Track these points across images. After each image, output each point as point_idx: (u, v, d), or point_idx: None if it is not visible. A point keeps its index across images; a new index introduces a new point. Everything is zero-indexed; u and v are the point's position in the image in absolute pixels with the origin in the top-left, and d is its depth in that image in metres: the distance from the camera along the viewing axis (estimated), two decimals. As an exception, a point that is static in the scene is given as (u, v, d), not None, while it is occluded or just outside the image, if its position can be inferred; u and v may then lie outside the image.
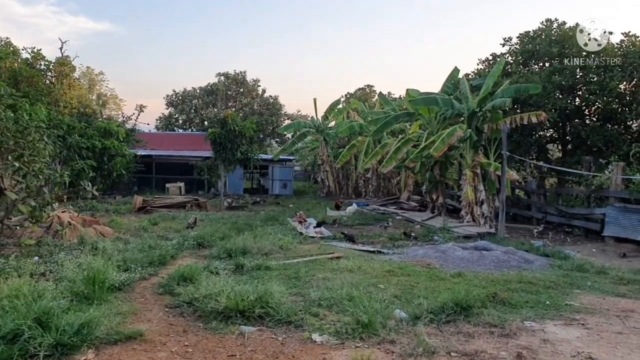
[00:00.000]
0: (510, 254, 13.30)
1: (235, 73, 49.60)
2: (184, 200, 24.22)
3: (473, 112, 19.60)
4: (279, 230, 17.71)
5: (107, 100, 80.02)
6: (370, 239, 17.04)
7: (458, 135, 19.00)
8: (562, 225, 19.78)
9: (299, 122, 38.13)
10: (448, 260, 12.87)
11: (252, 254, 13.24)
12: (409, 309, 8.58)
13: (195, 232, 16.77)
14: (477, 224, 19.61)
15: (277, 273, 11.17)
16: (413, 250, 14.45)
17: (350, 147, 30.77)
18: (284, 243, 14.64)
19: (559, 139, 24.89)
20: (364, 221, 21.45)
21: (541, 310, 8.92)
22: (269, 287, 8.65)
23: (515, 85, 19.59)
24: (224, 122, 24.10)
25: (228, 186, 35.30)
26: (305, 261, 12.50)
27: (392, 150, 22.86)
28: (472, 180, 19.64)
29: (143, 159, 34.83)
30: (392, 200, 29.25)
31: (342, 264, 11.97)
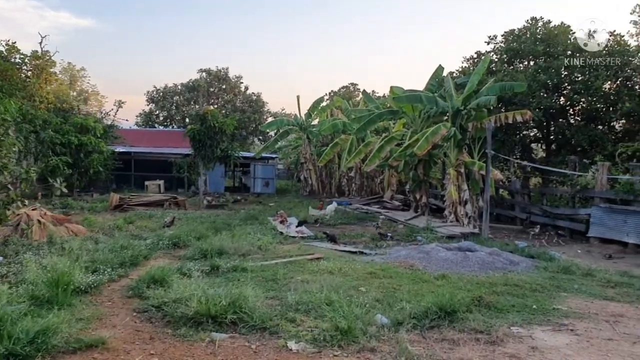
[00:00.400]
0: (495, 255, 12.96)
1: (217, 69, 48.91)
2: (161, 199, 23.59)
3: (457, 111, 19.27)
4: (258, 229, 17.20)
5: (88, 97, 78.93)
6: (352, 239, 16.62)
7: (442, 134, 18.65)
8: (546, 225, 19.54)
9: (281, 119, 37.60)
10: (432, 261, 12.49)
11: (229, 255, 12.76)
12: (391, 313, 8.17)
13: (172, 232, 16.21)
14: (461, 224, 19.29)
15: (253, 275, 10.70)
16: (396, 250, 14.05)
17: (333, 145, 30.33)
18: (263, 243, 14.16)
19: (543, 138, 24.69)
20: (347, 220, 21.04)
21: (528, 315, 8.57)
22: (244, 291, 8.20)
23: (500, 83, 19.31)
24: (203, 119, 23.49)
25: (209, 184, 34.66)
26: (284, 262, 12.04)
27: (376, 149, 22.46)
28: (455, 180, 19.31)
29: (122, 156, 34.07)
30: (376, 199, 28.88)
31: (322, 266, 11.53)
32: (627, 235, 15.90)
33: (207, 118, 23.40)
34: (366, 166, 22.89)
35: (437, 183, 24.01)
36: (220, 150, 24.37)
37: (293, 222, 19.59)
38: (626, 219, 16.00)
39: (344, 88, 50.79)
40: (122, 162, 33.31)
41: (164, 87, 48.86)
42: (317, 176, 35.79)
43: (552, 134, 24.09)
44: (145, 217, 20.57)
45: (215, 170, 34.28)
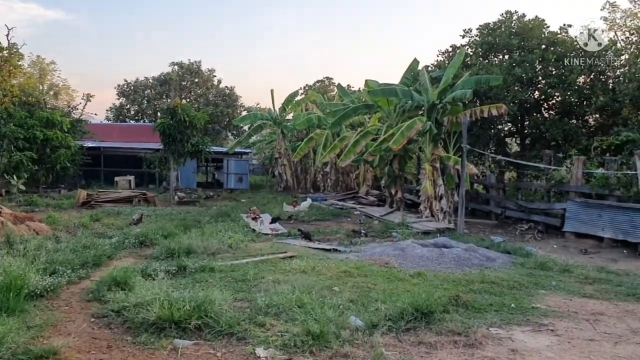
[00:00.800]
0: (471, 252, 12.70)
1: (189, 63, 47.94)
2: (130, 195, 22.88)
3: (433, 105, 19.01)
4: (230, 227, 16.70)
5: (59, 91, 76.97)
6: (327, 236, 16.25)
7: (417, 128, 18.36)
8: (521, 220, 19.42)
9: (255, 113, 36.96)
10: (407, 258, 12.17)
11: (198, 254, 12.28)
12: (365, 315, 7.81)
13: (139, 230, 15.62)
14: (436, 219, 19.06)
15: (222, 275, 10.25)
16: (371, 248, 13.71)
17: (308, 140, 29.88)
18: (234, 241, 13.68)
19: (517, 132, 24.63)
20: (321, 217, 20.65)
21: (507, 315, 8.30)
22: (210, 294, 7.75)
23: (476, 76, 19.10)
24: (173, 112, 22.80)
25: (180, 180, 33.95)
26: (256, 262, 11.60)
27: (351, 144, 22.09)
28: (431, 175, 19.07)
29: (91, 151, 33.09)
30: (351, 194, 28.56)
31: (295, 265, 11.12)
32: (602, 230, 15.82)
33: (177, 112, 22.72)
34: (341, 161, 22.51)
35: (413, 178, 23.75)
36: (191, 145, 23.71)
37: (266, 219, 19.16)
38: (601, 214, 15.92)
39: (319, 82, 50.34)
40: (91, 157, 32.33)
41: (135, 80, 47.78)
42: (292, 171, 35.32)
43: (526, 128, 24.04)
44: (113, 214, 19.89)
45: (187, 166, 33.55)
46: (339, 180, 31.75)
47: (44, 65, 79.54)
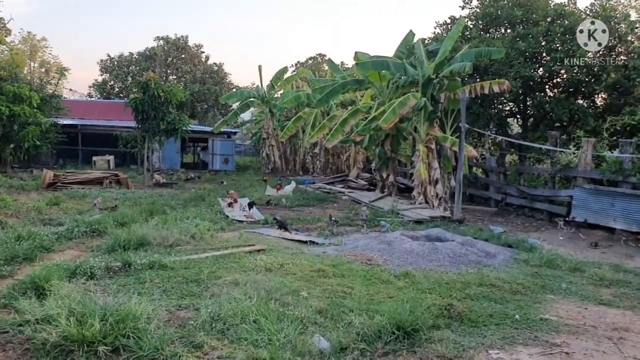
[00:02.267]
0: (469, 246, 11.08)
1: (175, 37, 45.69)
2: (100, 176, 21.14)
3: (429, 79, 17.23)
4: (200, 213, 15.05)
5: (50, 68, 74.96)
6: (307, 224, 14.60)
7: (411, 105, 16.63)
8: (523, 207, 17.79)
9: (242, 91, 35.07)
10: (394, 254, 10.54)
11: (153, 246, 10.66)
12: (334, 333, 6.23)
13: (97, 216, 13.94)
14: (431, 206, 17.42)
15: (172, 274, 8.63)
16: (354, 240, 12.07)
17: (296, 119, 28.08)
18: (199, 230, 12.02)
19: (519, 112, 22.84)
20: (305, 202, 18.99)
21: (510, 330, 6.73)
22: (132, 307, 6.10)
23: (476, 49, 17.26)
24: (145, 87, 20.96)
25: (163, 161, 32.29)
26: (217, 256, 9.96)
27: (339, 123, 20.32)
28: (425, 157, 17.37)
29: (67, 129, 31.27)
30: (341, 178, 26.90)
31: (262, 261, 9.47)
32: (614, 221, 14.17)
33: (150, 86, 20.89)
34: (328, 142, 20.76)
35: (406, 160, 22.08)
36: (166, 123, 21.92)
37: (245, 204, 17.54)
38: (613, 202, 14.25)
39: (312, 59, 48.21)
40: (66, 135, 30.49)
41: (118, 55, 45.67)
42: (280, 153, 33.62)
43: (529, 108, 22.26)
44: (77, 197, 18.25)
45: (170, 146, 31.86)
46: (329, 162, 30.06)
47: (35, 42, 77.33)
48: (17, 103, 24.03)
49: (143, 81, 21.73)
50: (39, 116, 24.95)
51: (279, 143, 33.08)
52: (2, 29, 52.19)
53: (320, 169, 30.21)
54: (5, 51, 51.87)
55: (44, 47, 77.65)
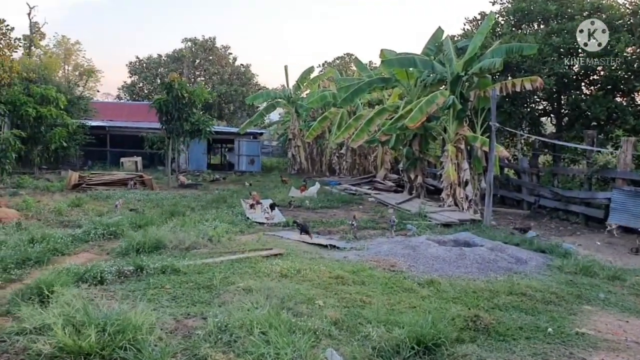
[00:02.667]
0: (498, 251, 10.46)
1: (203, 39, 45.68)
2: (125, 177, 21.06)
3: (457, 77, 16.58)
4: (220, 215, 14.74)
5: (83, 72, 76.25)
6: (329, 227, 14.10)
7: (439, 103, 16.01)
8: (557, 210, 16.98)
9: (267, 92, 34.81)
10: (419, 259, 9.99)
11: (169, 249, 10.35)
12: (348, 347, 5.77)
13: (117, 217, 13.74)
14: (460, 209, 16.76)
15: (184, 280, 8.27)
16: (377, 244, 11.54)
17: (322, 119, 27.63)
18: (217, 233, 11.65)
19: (553, 111, 21.91)
20: (329, 204, 18.50)
21: (542, 345, 6.16)
22: (134, 316, 5.74)
23: (507, 44, 16.53)
24: (169, 88, 20.79)
25: (190, 162, 32.25)
26: (232, 260, 9.57)
27: (364, 122, 19.79)
28: (454, 157, 16.72)
29: (95, 130, 31.46)
30: (368, 179, 26.35)
31: (278, 266, 9.03)
32: (656, 225, 13.33)
33: (174, 87, 20.72)
34: (352, 142, 20.23)
35: (435, 161, 21.41)
36: (190, 124, 21.72)
37: (267, 205, 17.20)
38: (655, 205, 13.41)
39: (339, 59, 47.68)
40: (94, 137, 30.67)
41: (147, 57, 45.93)
42: (306, 153, 33.21)
43: (563, 107, 21.34)
44: (100, 199, 18.14)
45: (196, 147, 31.82)
46: (356, 163, 29.50)
47: (69, 45, 78.89)
48: (44, 105, 24.16)
49: (166, 82, 21.58)
50: (66, 118, 25.06)
51: (305, 144, 32.69)
52: (37, 32, 53.35)
53: (346, 169, 29.69)
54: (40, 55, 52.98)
55: (77, 51, 79.07)
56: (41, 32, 52.28)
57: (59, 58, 76.59)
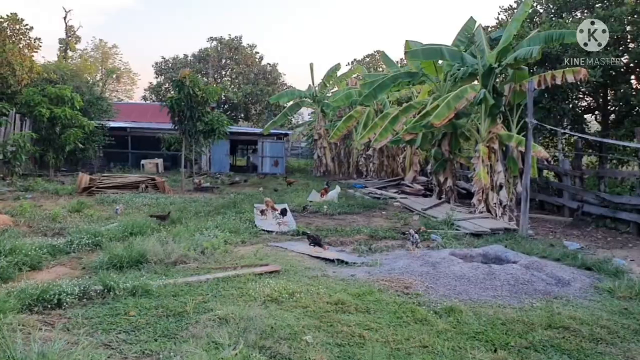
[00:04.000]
0: (535, 270, 8.84)
1: (229, 38, 44.69)
2: (137, 180, 20.03)
3: (490, 69, 14.89)
4: (227, 221, 13.44)
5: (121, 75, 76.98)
6: (344, 236, 12.62)
7: (469, 98, 14.37)
8: (603, 218, 15.11)
9: (292, 91, 33.44)
10: (439, 279, 8.46)
11: (153, 264, 9.06)
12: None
13: (113, 225, 12.61)
14: (493, 216, 15.07)
15: (155, 304, 6.97)
16: (392, 259, 10.02)
17: (347, 118, 26.15)
18: (212, 244, 10.34)
19: (598, 107, 19.90)
20: (350, 209, 17.02)
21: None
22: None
23: (546, 32, 14.74)
24: (180, 85, 19.64)
25: (212, 163, 31.25)
26: (219, 279, 8.24)
27: (388, 121, 18.23)
28: (487, 158, 15.05)
29: (117, 131, 30.76)
30: (395, 181, 24.76)
31: (270, 287, 7.65)
32: None
33: (185, 84, 19.58)
34: (376, 142, 18.69)
35: (467, 163, 19.72)
36: (204, 124, 20.55)
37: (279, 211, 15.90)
38: None
39: (369, 57, 45.99)
40: (114, 138, 29.94)
41: (173, 57, 45.23)
42: (332, 155, 31.79)
43: (610, 102, 19.35)
44: (107, 203, 17.13)
45: (219, 148, 30.81)
46: (384, 164, 27.91)
47: (106, 49, 79.79)
48: (59, 105, 23.43)
49: (177, 79, 20.45)
50: (81, 118, 24.27)
51: (331, 145, 31.29)
52: (73, 36, 53.55)
53: (373, 171, 28.13)
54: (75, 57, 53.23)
55: (114, 54, 79.85)
56: (76, 36, 52.52)
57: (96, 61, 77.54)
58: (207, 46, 44.88)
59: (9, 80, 26.29)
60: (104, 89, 78.20)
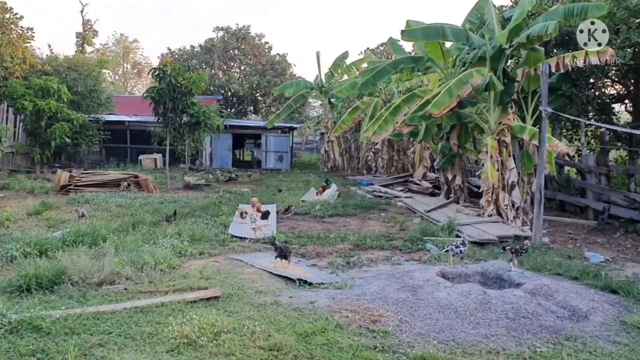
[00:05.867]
0: (542, 297, 6.96)
1: (237, 28, 42.87)
2: (118, 178, 18.48)
3: (500, 50, 12.88)
4: (196, 227, 11.80)
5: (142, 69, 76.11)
6: (323, 246, 10.82)
7: (474, 83, 12.41)
8: (633, 222, 13.03)
9: (297, 81, 31.52)
10: (418, 309, 6.66)
11: (71, 284, 7.43)
12: None
13: (59, 233, 11.01)
14: (504, 219, 13.10)
15: (33, 348, 5.35)
16: (369, 278, 8.19)
17: (352, 110, 24.24)
18: (156, 258, 8.66)
19: (628, 94, 17.64)
20: (344, 210, 15.23)
21: None
22: None
23: (565, 6, 12.66)
24: (162, 75, 17.97)
25: (214, 158, 29.68)
26: (139, 308, 6.56)
27: (389, 111, 16.33)
28: (496, 153, 13.07)
29: (115, 125, 29.36)
30: (403, 178, 22.83)
31: (193, 323, 5.92)
32: None
33: (166, 72, 17.94)
34: (374, 134, 16.79)
35: (477, 158, 17.74)
36: (189, 116, 18.88)
37: (272, 212, 14.23)
38: None
39: (383, 45, 43.77)
40: (109, 132, 28.51)
41: (180, 49, 43.62)
42: (340, 149, 29.92)
43: (642, 90, 17.10)
44: (78, 203, 15.67)
45: (221, 143, 29.29)
46: (393, 159, 25.91)
47: (127, 43, 79.15)
48: (45, 98, 22.04)
49: (156, 67, 18.78)
50: (68, 112, 22.84)
51: (339, 138, 29.43)
52: (89, 30, 52.61)
53: (382, 167, 26.21)
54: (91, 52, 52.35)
55: (135, 49, 79.13)
56: (94, 30, 51.62)
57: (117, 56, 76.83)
58: (213, 36, 43.20)
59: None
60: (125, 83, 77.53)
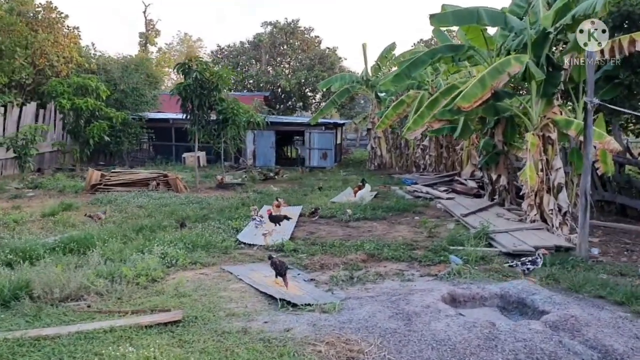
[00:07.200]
0: (567, 333, 5.64)
1: (285, 22, 42.09)
2: (147, 177, 18.03)
3: (544, 34, 11.33)
4: (205, 231, 11.01)
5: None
6: (335, 255, 9.72)
7: (512, 72, 10.93)
8: None
9: (342, 75, 30.37)
10: (408, 344, 5.51)
11: (29, 299, 6.76)
12: None
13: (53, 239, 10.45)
14: (550, 226, 11.56)
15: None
16: (361, 302, 7.03)
17: (396, 104, 22.88)
18: (137, 270, 7.87)
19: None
20: (373, 213, 14.03)
21: None
22: None
23: (623, -19, 11.00)
24: (187, 70, 17.31)
25: (257, 156, 29.08)
26: (83, 334, 5.76)
27: (425, 105, 14.99)
28: (538, 152, 11.53)
29: (160, 123, 29.32)
30: (449, 177, 21.36)
31: (146, 351, 5.03)
32: None
33: (192, 68, 17.26)
34: (407, 132, 15.45)
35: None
36: (218, 112, 18.18)
37: (296, 214, 13.37)
38: None
39: (437, 36, 41.78)
40: (158, 130, 28.52)
41: (229, 45, 43.38)
42: (388, 146, 28.58)
43: None
44: (102, 203, 15.26)
45: (264, 141, 28.68)
46: (442, 156, 24.40)
47: (191, 42, 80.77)
48: (83, 96, 22.04)
49: (180, 62, 18.16)
50: (107, 110, 22.77)
51: (386, 134, 28.12)
52: (152, 30, 53.70)
53: (430, 165, 24.74)
54: (154, 51, 53.47)
55: (199, 47, 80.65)
56: (156, 30, 52.71)
57: (182, 55, 78.45)
58: (261, 31, 42.67)
59: (46, 72, 25.38)
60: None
